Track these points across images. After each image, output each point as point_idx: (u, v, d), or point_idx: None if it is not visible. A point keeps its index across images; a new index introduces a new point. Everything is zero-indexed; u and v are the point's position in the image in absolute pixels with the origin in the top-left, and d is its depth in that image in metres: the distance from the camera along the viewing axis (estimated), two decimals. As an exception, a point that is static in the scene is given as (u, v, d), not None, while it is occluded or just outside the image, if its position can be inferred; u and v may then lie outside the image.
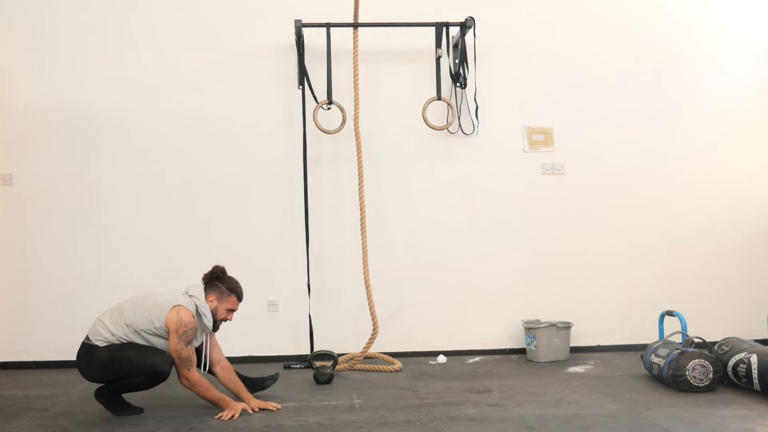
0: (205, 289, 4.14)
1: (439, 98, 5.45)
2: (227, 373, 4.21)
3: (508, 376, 4.92)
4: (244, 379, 4.33)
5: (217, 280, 4.18)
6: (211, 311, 4.09)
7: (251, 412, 4.02)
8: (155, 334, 3.98)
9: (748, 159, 5.97)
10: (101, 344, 3.97)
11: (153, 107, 5.67)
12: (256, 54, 5.72)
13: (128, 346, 3.96)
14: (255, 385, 4.40)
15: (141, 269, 5.58)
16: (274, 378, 4.52)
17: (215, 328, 4.17)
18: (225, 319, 4.18)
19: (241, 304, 4.22)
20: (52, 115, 5.63)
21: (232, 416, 3.92)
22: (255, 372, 4.73)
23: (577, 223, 5.82)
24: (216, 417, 3.93)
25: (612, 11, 5.95)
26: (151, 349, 3.98)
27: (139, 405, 4.15)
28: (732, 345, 4.52)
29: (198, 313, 4.03)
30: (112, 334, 3.98)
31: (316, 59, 5.56)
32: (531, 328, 5.47)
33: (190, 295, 4.07)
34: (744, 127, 5.98)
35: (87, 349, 4.01)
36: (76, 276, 5.57)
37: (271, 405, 4.11)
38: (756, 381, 4.18)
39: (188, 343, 3.94)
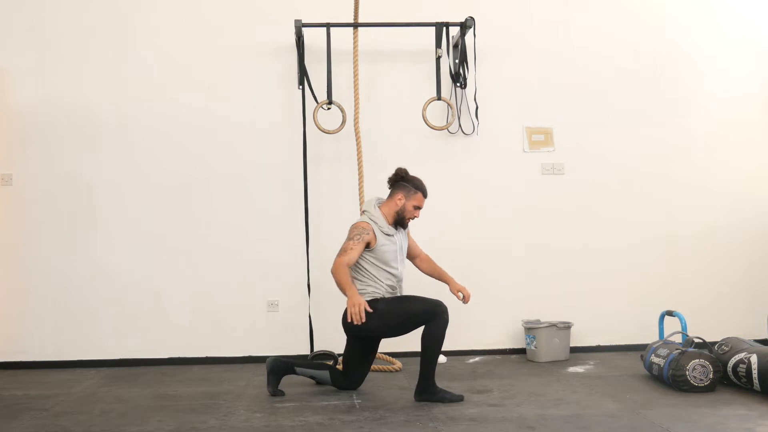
0: (393, 190, 4.46)
1: (439, 98, 5.46)
2: (427, 263, 4.72)
3: (508, 376, 4.92)
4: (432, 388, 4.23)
5: (402, 180, 4.46)
6: (399, 210, 4.40)
7: (457, 295, 4.52)
8: (364, 260, 4.33)
9: (747, 159, 5.97)
10: (367, 298, 4.27)
11: (153, 107, 5.67)
12: (256, 54, 5.72)
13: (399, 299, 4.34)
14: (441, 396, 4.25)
15: (141, 269, 5.59)
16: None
17: (404, 225, 4.48)
18: (413, 217, 4.46)
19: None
20: (52, 115, 5.63)
21: (359, 313, 4.03)
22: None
23: (577, 223, 5.83)
24: (348, 320, 4.07)
25: (612, 11, 5.95)
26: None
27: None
28: (732, 345, 4.51)
29: (374, 223, 4.35)
30: (371, 287, 4.32)
31: (316, 59, 5.56)
32: (531, 328, 5.47)
33: (363, 211, 4.48)
34: (744, 127, 5.98)
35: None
36: (76, 276, 5.57)
37: (466, 292, 4.52)
38: (756, 381, 4.18)
39: (351, 239, 4.26)
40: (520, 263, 5.79)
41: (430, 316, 4.17)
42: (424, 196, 4.47)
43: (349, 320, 4.05)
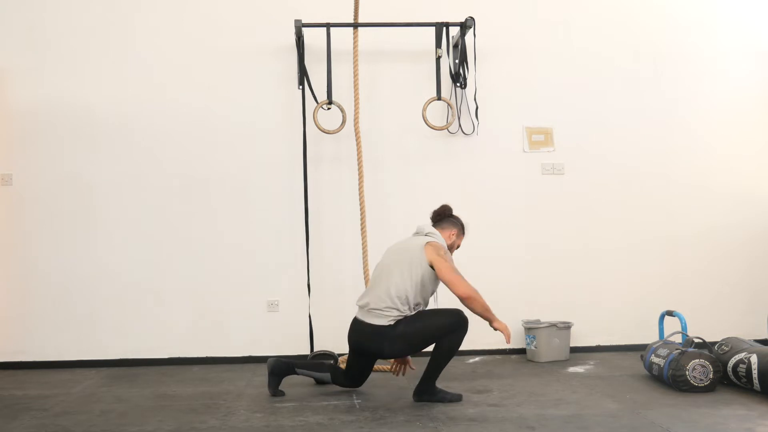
0: (443, 224, 4.38)
1: (439, 98, 5.46)
2: None
3: (508, 376, 4.92)
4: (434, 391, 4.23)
5: (452, 217, 4.41)
6: (450, 244, 4.33)
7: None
8: (429, 280, 4.17)
9: (747, 159, 5.97)
10: (391, 322, 4.11)
11: (153, 107, 5.67)
12: (256, 54, 5.73)
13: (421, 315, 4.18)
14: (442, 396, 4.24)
15: (141, 269, 5.59)
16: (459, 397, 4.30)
17: None
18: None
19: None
20: (52, 115, 5.63)
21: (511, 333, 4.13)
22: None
23: (577, 223, 5.83)
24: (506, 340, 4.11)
25: (612, 11, 5.95)
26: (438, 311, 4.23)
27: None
28: (732, 345, 4.51)
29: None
30: (398, 311, 4.11)
31: (316, 59, 5.56)
32: (531, 328, 5.47)
33: (426, 233, 4.29)
34: (744, 127, 5.98)
35: (377, 329, 4.12)
36: (76, 276, 5.57)
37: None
38: (756, 381, 4.18)
39: (450, 260, 4.16)
40: (520, 263, 5.79)
41: (452, 329, 4.14)
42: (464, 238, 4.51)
43: (508, 342, 4.15)
